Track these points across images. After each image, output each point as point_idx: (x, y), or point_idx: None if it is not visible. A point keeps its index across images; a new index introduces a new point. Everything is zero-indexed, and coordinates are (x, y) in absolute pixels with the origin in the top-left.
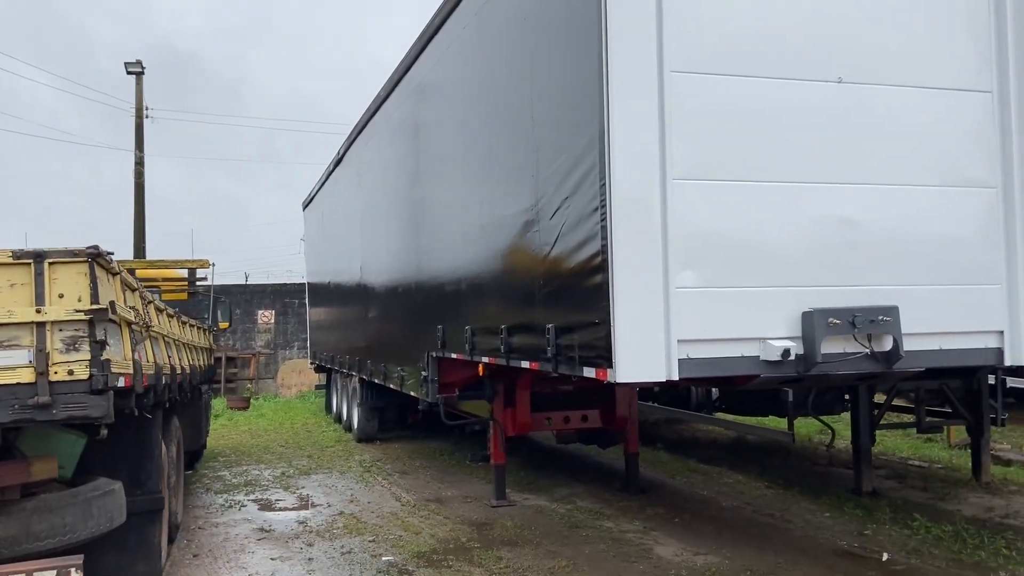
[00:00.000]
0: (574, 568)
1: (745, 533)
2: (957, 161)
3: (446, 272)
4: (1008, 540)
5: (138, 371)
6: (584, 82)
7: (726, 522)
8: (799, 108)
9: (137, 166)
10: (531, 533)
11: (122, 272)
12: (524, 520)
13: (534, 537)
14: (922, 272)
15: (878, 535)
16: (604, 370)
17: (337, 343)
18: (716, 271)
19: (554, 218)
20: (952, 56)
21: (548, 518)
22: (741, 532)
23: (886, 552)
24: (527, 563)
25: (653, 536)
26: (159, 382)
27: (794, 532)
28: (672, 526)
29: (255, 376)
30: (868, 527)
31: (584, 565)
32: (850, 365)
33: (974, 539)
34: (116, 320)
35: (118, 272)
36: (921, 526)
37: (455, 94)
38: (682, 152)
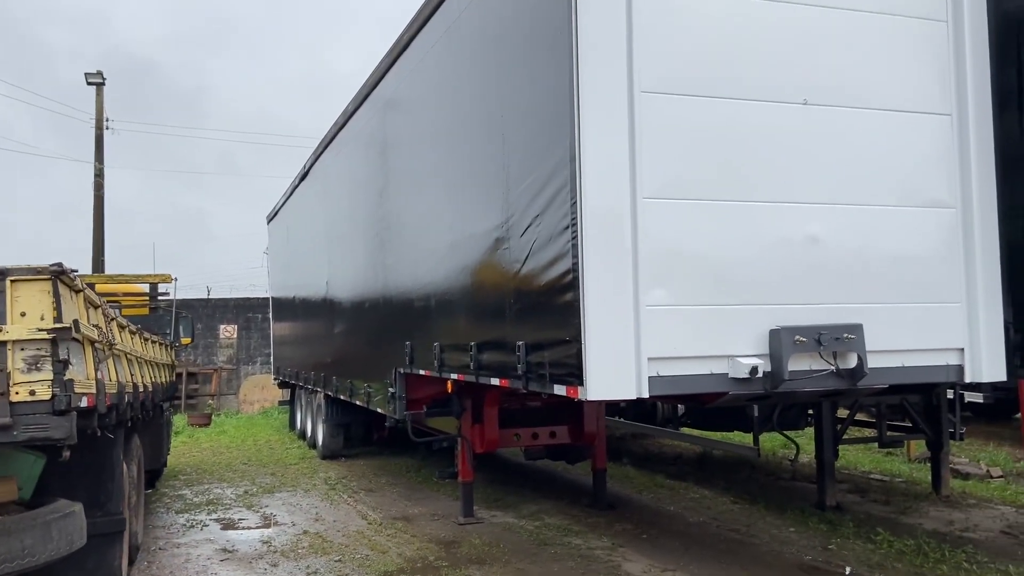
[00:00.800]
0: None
1: (712, 548)
2: (918, 181)
3: (415, 288)
4: (968, 554)
5: (101, 390)
6: (555, 101)
7: (693, 538)
8: (766, 129)
9: (97, 178)
10: (499, 551)
11: (85, 289)
12: (492, 537)
13: (502, 555)
14: (885, 290)
15: (842, 549)
16: (575, 388)
17: (302, 358)
18: (685, 289)
19: (525, 235)
20: (913, 80)
21: (516, 535)
22: (708, 548)
23: (849, 566)
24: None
25: (621, 552)
26: (121, 401)
27: (760, 547)
28: (640, 542)
29: (217, 392)
30: (832, 541)
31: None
32: (816, 382)
33: (935, 553)
34: (79, 338)
35: (81, 289)
36: (884, 540)
37: (425, 110)
38: (652, 171)
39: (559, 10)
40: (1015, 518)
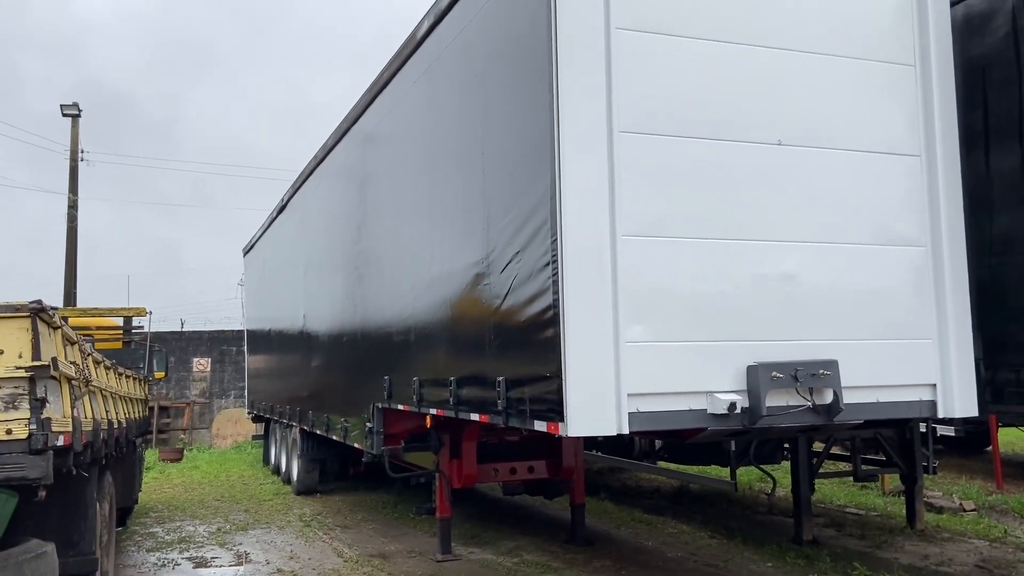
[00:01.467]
0: None
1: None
2: (889, 220)
3: (394, 322)
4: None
5: (77, 428)
6: (536, 140)
7: (672, 574)
8: (741, 168)
9: (71, 210)
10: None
11: (63, 326)
12: (470, 575)
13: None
14: (859, 327)
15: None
16: (556, 424)
17: (277, 392)
18: (664, 325)
19: (505, 271)
20: (883, 122)
21: (494, 572)
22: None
23: None
24: None
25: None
26: (97, 438)
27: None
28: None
29: (189, 426)
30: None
31: None
32: (793, 418)
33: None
34: (56, 376)
35: (59, 326)
36: (860, 575)
37: (405, 145)
38: (631, 209)
39: (539, 52)
40: (989, 552)
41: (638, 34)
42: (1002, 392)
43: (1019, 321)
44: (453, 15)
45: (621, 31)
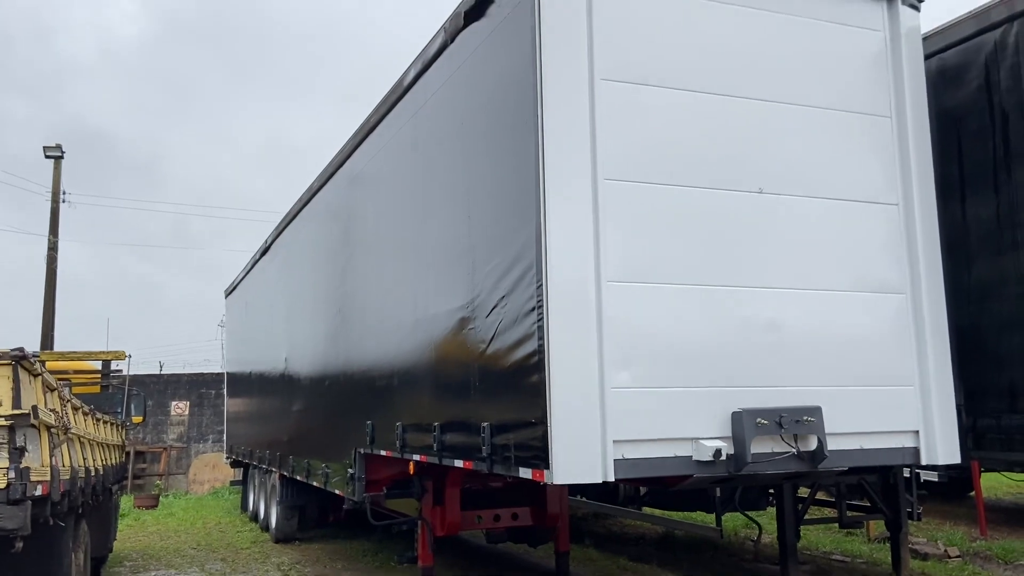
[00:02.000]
0: None
1: None
2: (869, 267)
3: (377, 366)
4: None
5: (55, 477)
6: (521, 187)
7: None
8: (724, 216)
9: (51, 251)
10: None
11: (44, 373)
12: None
13: None
14: (842, 373)
15: None
16: (541, 471)
17: (257, 437)
18: (649, 371)
19: (491, 316)
20: (861, 171)
21: None
22: None
23: None
24: None
25: None
26: (74, 487)
27: None
28: None
29: (166, 472)
30: None
31: None
32: (778, 465)
33: None
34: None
35: (40, 374)
36: None
37: (391, 190)
38: (615, 255)
39: (525, 101)
40: None
41: (621, 84)
42: (983, 438)
43: (998, 367)
44: (440, 64)
45: (605, 82)
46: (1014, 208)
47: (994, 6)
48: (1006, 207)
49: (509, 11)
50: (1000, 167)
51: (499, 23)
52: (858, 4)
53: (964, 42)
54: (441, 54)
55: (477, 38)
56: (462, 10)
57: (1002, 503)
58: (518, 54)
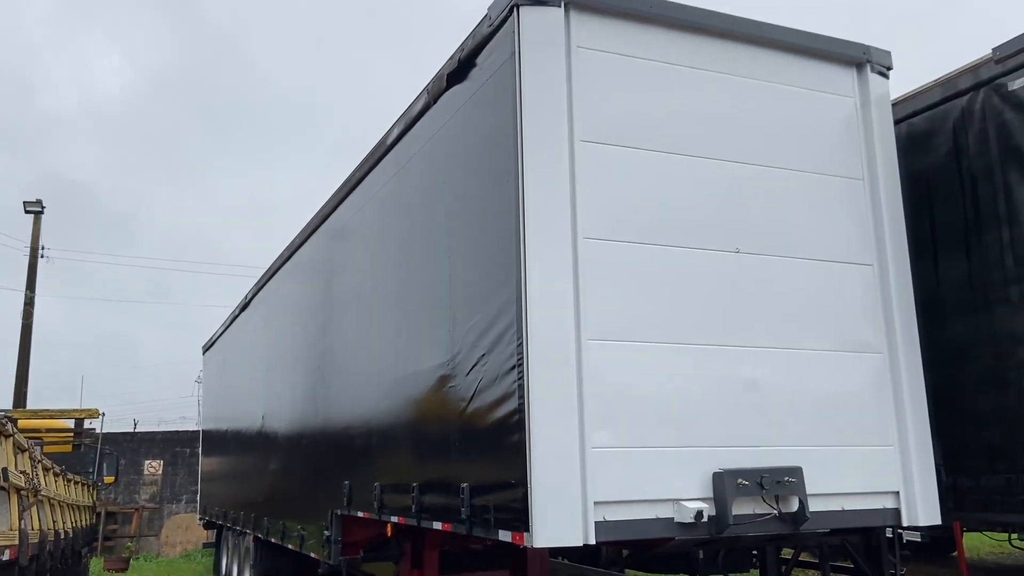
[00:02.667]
0: None
1: None
2: (846, 327)
3: (356, 425)
4: None
5: (24, 541)
6: (501, 246)
7: None
8: (702, 275)
9: (27, 307)
10: None
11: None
12: None
13: None
14: (822, 433)
15: None
16: (520, 534)
17: (232, 497)
18: (630, 430)
19: (471, 374)
20: (836, 232)
21: None
22: None
23: None
24: None
25: None
26: (43, 551)
27: None
28: None
29: (137, 533)
30: None
31: None
32: (760, 527)
33: None
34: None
35: (12, 434)
36: None
37: (372, 248)
38: (595, 314)
39: (506, 159)
40: None
41: (601, 146)
42: (964, 498)
43: (976, 427)
44: (423, 124)
45: (584, 143)
46: (986, 269)
47: (960, 74)
48: (978, 268)
49: (490, 75)
50: (971, 229)
51: (480, 86)
52: (829, 71)
53: (932, 108)
54: (424, 114)
55: (459, 100)
56: (444, 72)
57: (984, 563)
58: (499, 116)
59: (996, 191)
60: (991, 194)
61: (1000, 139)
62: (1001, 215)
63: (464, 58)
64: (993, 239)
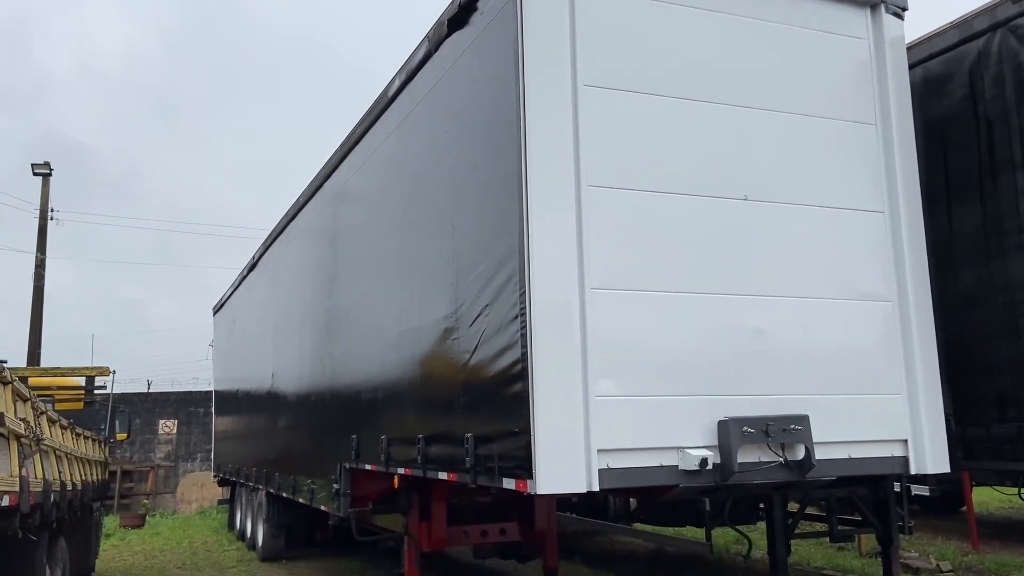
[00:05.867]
0: None
1: None
2: (856, 275)
3: (362, 380)
4: None
5: (24, 489)
6: (504, 194)
7: None
8: (709, 222)
9: (38, 269)
10: None
11: (14, 381)
12: None
13: None
14: (829, 381)
15: None
16: (524, 481)
17: (244, 455)
18: (634, 380)
19: (474, 325)
20: (847, 179)
21: None
22: None
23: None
24: None
25: None
26: (47, 500)
27: None
28: None
29: (153, 491)
30: None
31: None
32: (765, 474)
33: None
34: (3, 433)
35: (10, 381)
36: None
37: (375, 202)
38: (599, 262)
39: (508, 108)
40: None
41: (605, 91)
42: (973, 448)
43: (987, 376)
44: (424, 73)
45: (588, 88)
46: (1000, 216)
47: (976, 15)
48: (992, 215)
49: (491, 19)
50: (985, 175)
51: (482, 31)
52: (842, 12)
53: (948, 51)
54: (425, 63)
55: (460, 46)
56: (445, 19)
57: (993, 517)
58: (501, 61)
59: (1012, 136)
60: (1007, 139)
61: (1017, 82)
62: (1017, 160)
63: (464, 2)
64: (1008, 185)
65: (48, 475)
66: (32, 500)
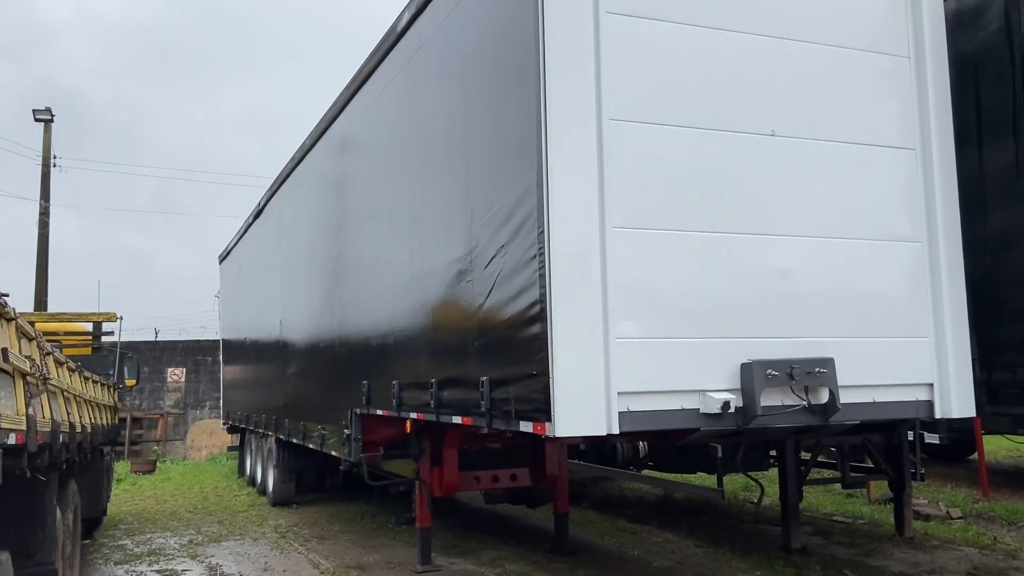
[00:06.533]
0: None
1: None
2: (884, 215)
3: (373, 326)
4: None
5: (32, 428)
6: (522, 129)
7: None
8: (734, 159)
9: (42, 216)
10: None
11: (18, 318)
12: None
13: None
14: (855, 324)
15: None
16: (542, 424)
17: (253, 402)
18: (655, 321)
19: (489, 267)
20: (877, 114)
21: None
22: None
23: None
24: None
25: None
26: (56, 441)
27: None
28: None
29: (162, 438)
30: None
31: None
32: (788, 418)
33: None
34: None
35: (13, 318)
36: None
37: (384, 144)
38: (620, 201)
39: (526, 37)
40: (979, 559)
41: (628, 19)
42: (998, 393)
43: (1014, 320)
44: (435, 5)
45: (611, 15)
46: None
47: None
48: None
49: None
50: (1019, 112)
51: None
52: None
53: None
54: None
55: None
56: None
57: (1002, 465)
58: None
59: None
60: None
61: None
62: None
63: None
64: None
65: (56, 416)
66: (39, 439)
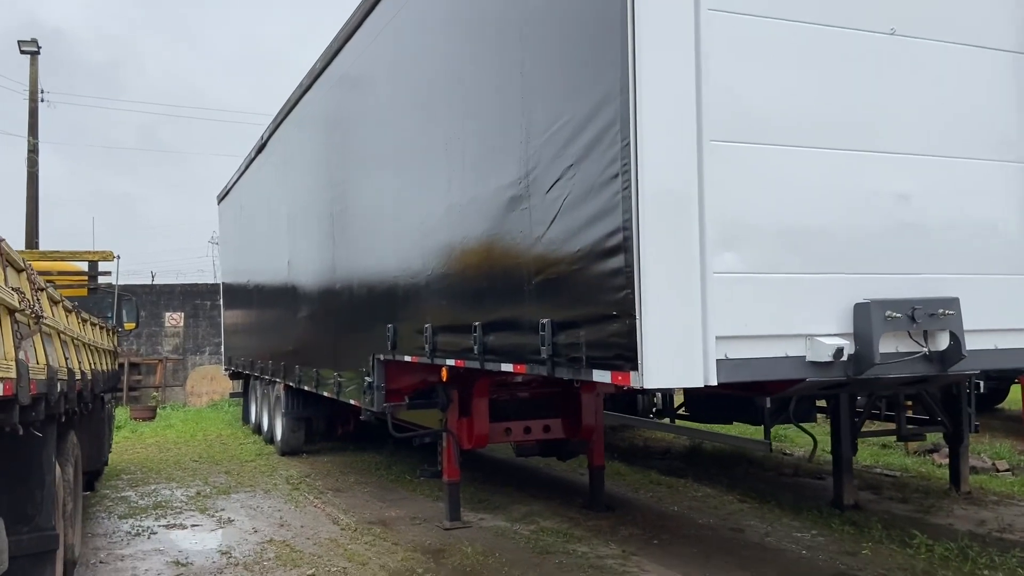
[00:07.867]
0: None
1: (735, 555)
2: (1018, 132)
3: (399, 265)
4: (1020, 559)
5: (23, 375)
6: (601, 26)
7: (709, 543)
8: (849, 61)
9: (31, 154)
10: (496, 561)
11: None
12: (485, 545)
13: (500, 566)
14: (980, 259)
15: (878, 555)
16: (626, 373)
17: (258, 347)
18: (759, 253)
19: (552, 191)
20: (1016, 13)
21: (512, 542)
22: (730, 554)
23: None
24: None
25: (636, 562)
26: (52, 390)
27: (786, 553)
28: (652, 549)
29: (162, 383)
30: (864, 546)
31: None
32: (906, 367)
33: (982, 558)
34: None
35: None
36: (922, 544)
37: (416, 45)
38: (721, 109)
39: None
40: None
41: None
42: None
43: None
44: None
45: None
46: None
47: None
48: None
49: None
50: None
51: None
52: None
53: None
54: None
55: None
56: None
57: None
58: None
59: None
60: None
61: None
62: None
63: None
64: None
65: (53, 361)
66: (33, 389)
